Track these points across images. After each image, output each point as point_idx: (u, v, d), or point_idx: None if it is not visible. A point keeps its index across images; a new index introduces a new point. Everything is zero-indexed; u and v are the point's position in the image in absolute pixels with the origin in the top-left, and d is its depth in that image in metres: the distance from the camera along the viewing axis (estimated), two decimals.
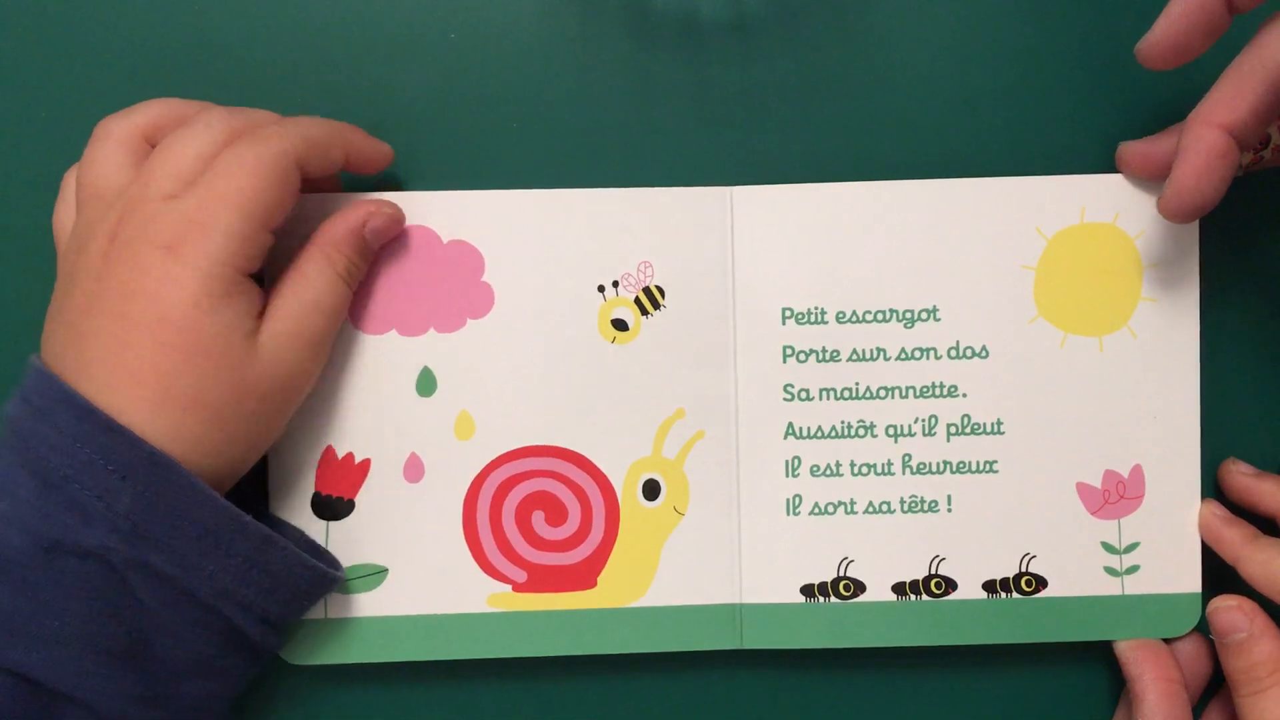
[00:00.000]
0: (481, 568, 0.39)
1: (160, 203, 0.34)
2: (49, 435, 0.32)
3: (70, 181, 0.37)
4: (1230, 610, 0.37)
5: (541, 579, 0.39)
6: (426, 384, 0.39)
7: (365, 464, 0.39)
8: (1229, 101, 0.33)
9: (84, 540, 0.32)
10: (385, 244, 0.38)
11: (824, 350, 0.39)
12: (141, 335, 0.33)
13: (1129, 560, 0.39)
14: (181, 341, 0.33)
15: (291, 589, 0.35)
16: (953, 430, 0.39)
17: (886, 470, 0.39)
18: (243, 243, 0.34)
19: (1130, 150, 0.38)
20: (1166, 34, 0.33)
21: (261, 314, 0.35)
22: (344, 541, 0.39)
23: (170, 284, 0.33)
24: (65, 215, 0.36)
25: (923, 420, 0.39)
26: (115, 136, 0.35)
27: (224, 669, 0.35)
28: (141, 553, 0.32)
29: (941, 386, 0.39)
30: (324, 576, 0.36)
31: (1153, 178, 0.38)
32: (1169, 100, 0.37)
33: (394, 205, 0.38)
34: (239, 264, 0.34)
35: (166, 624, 0.33)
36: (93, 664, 0.33)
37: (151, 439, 0.32)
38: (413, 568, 0.39)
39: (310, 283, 0.36)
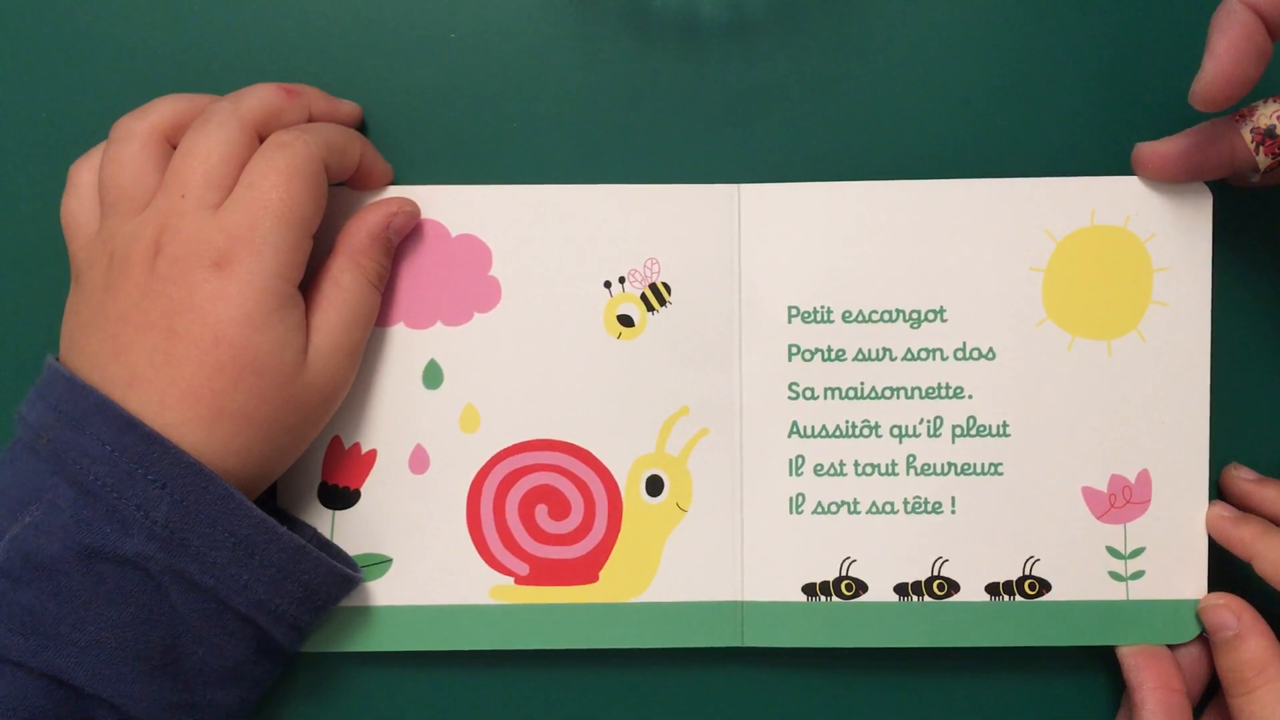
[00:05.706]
0: (484, 560, 0.39)
1: (201, 214, 0.34)
2: (87, 446, 0.32)
3: (80, 175, 0.36)
4: (1218, 608, 0.37)
5: (543, 572, 0.39)
6: (433, 376, 0.39)
7: (371, 455, 0.39)
8: None
9: (122, 548, 0.32)
10: None
11: (829, 349, 0.39)
12: (193, 353, 0.33)
13: (1134, 565, 0.39)
14: (234, 359, 0.33)
15: (323, 597, 0.36)
16: (958, 432, 0.39)
17: (890, 471, 0.39)
18: (291, 253, 0.34)
19: (1146, 151, 0.38)
20: (1220, 70, 0.32)
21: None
22: (349, 531, 0.39)
23: (223, 302, 0.33)
24: (77, 208, 0.36)
25: (928, 421, 0.39)
26: (139, 137, 0.35)
27: (254, 676, 0.36)
28: (178, 562, 0.33)
29: (947, 388, 0.39)
30: (349, 580, 0.36)
31: (1169, 179, 0.38)
32: (1180, 102, 0.37)
33: (411, 202, 0.38)
34: (289, 275, 0.34)
35: (202, 633, 0.34)
36: (130, 670, 0.33)
37: (204, 455, 0.33)
38: (416, 558, 0.39)
39: (348, 295, 0.36)
